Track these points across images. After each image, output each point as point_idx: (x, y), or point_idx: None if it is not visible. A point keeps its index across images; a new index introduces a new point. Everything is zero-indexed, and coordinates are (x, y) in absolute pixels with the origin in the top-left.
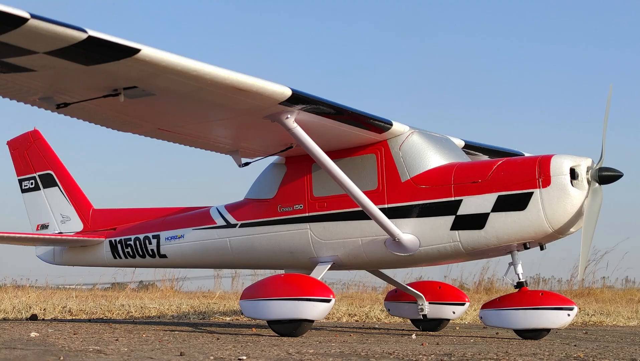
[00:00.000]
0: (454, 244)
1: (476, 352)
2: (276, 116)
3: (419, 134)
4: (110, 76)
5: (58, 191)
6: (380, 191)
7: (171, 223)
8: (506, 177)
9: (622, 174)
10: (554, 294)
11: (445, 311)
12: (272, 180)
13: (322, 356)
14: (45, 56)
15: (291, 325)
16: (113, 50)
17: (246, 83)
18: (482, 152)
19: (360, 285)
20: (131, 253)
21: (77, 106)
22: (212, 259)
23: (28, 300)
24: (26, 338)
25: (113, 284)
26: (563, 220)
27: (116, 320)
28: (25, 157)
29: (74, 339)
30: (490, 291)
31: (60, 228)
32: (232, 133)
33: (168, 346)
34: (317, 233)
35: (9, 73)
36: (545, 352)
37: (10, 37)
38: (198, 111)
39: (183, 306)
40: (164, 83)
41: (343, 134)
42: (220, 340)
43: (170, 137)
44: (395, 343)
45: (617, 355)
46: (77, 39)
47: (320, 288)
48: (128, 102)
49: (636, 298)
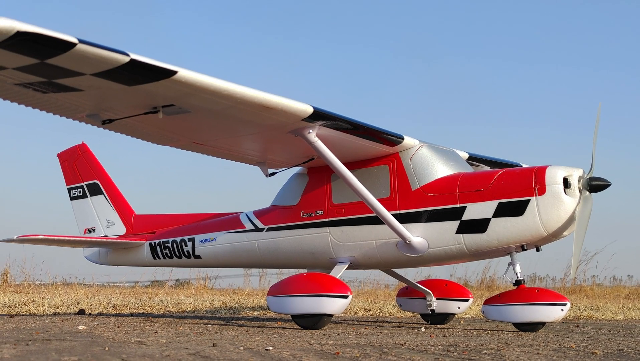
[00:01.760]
0: (459, 246)
1: (479, 343)
2: (299, 131)
3: (427, 147)
4: (150, 95)
5: (103, 198)
6: (393, 199)
7: (205, 227)
8: (506, 186)
9: (610, 183)
10: (548, 291)
11: (451, 307)
12: (296, 188)
13: (340, 346)
14: (91, 77)
15: (313, 318)
16: (153, 72)
17: (272, 101)
18: (484, 164)
19: (375, 283)
20: (169, 254)
21: (120, 122)
22: (242, 259)
23: (76, 296)
24: (75, 331)
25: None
26: (557, 224)
27: (155, 314)
28: (73, 168)
29: (117, 331)
30: (491, 289)
31: (105, 231)
32: (259, 146)
33: (202, 337)
34: (336, 236)
35: (60, 93)
36: (541, 343)
37: (61, 60)
38: (229, 126)
39: (215, 302)
40: (199, 101)
41: (359, 147)
42: (249, 332)
43: (204, 150)
44: (406, 335)
45: (605, 346)
46: (121, 62)
47: (338, 286)
48: (166, 118)
49: (622, 295)
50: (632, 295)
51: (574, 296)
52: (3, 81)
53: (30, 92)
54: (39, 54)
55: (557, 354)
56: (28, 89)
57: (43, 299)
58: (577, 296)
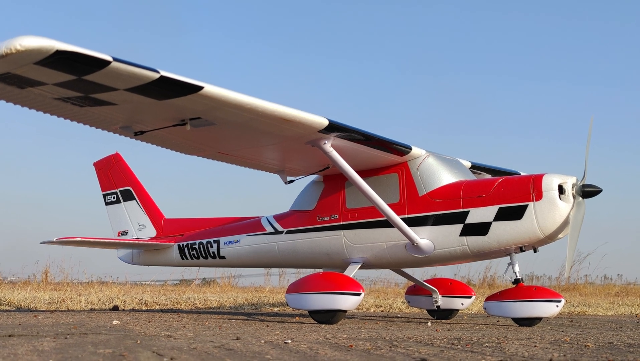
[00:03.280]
0: (462, 248)
1: (481, 337)
2: (315, 141)
3: (433, 156)
4: (178, 108)
5: (135, 203)
6: (402, 204)
7: (229, 230)
8: (506, 192)
9: (602, 190)
10: (545, 289)
11: (455, 303)
12: (312, 194)
13: (353, 340)
14: (124, 92)
15: (328, 314)
16: (181, 88)
17: (291, 115)
18: (485, 172)
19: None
20: (196, 255)
21: (151, 133)
22: (263, 260)
23: (111, 294)
24: (109, 325)
25: (181, 281)
26: (552, 228)
27: (183, 310)
28: (108, 175)
29: (148, 326)
30: (492, 287)
31: (137, 234)
32: (279, 156)
33: (226, 331)
34: (349, 239)
35: (95, 106)
36: (538, 337)
37: (96, 77)
38: (251, 137)
39: (239, 299)
40: (223, 114)
41: (371, 156)
42: (269, 327)
43: (228, 159)
44: (414, 329)
45: (597, 339)
46: (151, 78)
47: (352, 284)
48: (193, 130)
49: (613, 292)
50: (621, 293)
51: (568, 293)
52: (44, 96)
53: (68, 106)
54: (77, 71)
55: (552, 347)
56: (66, 103)
57: (80, 297)
58: (571, 293)
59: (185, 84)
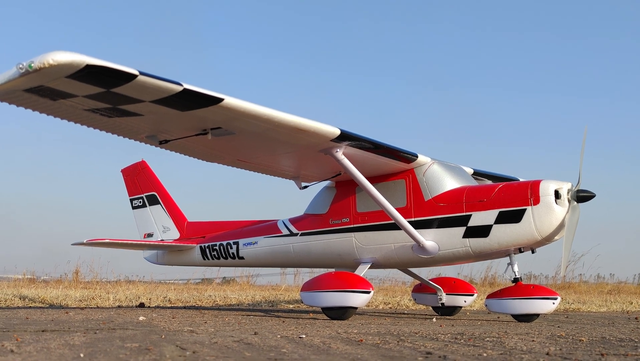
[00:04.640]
0: (465, 249)
1: (482, 332)
2: (328, 150)
3: (438, 163)
4: (200, 119)
5: (160, 207)
6: (409, 208)
7: (247, 233)
8: (505, 197)
9: (595, 195)
10: (542, 287)
11: (459, 300)
12: (325, 199)
13: (363, 335)
14: (150, 104)
15: (340, 311)
16: (202, 100)
17: (306, 125)
18: (487, 178)
19: (393, 280)
20: (217, 256)
21: (175, 142)
22: (279, 260)
23: (137, 292)
24: (136, 321)
25: (203, 280)
26: (549, 230)
27: (205, 307)
28: (135, 181)
29: (172, 322)
30: (493, 285)
31: (162, 236)
32: (294, 163)
33: (245, 327)
34: (360, 240)
35: (123, 117)
36: (535, 332)
37: (124, 89)
38: (268, 146)
39: (256, 296)
40: (242, 125)
41: (380, 163)
42: (285, 323)
43: (246, 166)
44: (420, 325)
45: (590, 334)
46: (175, 91)
47: (362, 283)
48: (214, 139)
49: (605, 290)
50: (613, 291)
51: (564, 291)
52: (74, 107)
53: (97, 116)
54: (105, 84)
55: (549, 341)
56: (96, 114)
57: (109, 294)
58: (566, 291)
59: (207, 96)
